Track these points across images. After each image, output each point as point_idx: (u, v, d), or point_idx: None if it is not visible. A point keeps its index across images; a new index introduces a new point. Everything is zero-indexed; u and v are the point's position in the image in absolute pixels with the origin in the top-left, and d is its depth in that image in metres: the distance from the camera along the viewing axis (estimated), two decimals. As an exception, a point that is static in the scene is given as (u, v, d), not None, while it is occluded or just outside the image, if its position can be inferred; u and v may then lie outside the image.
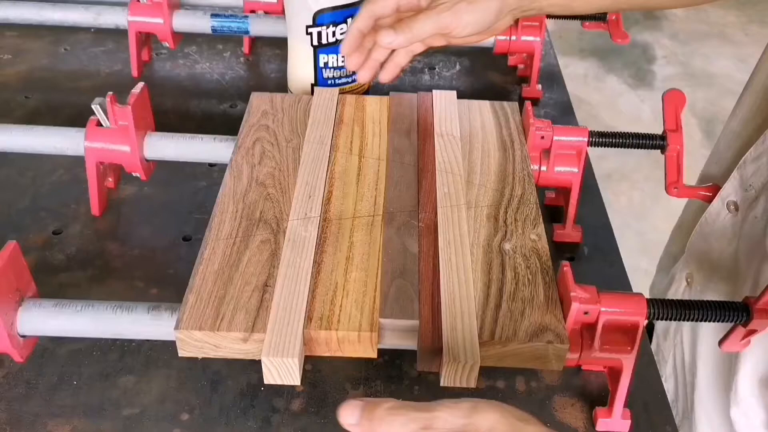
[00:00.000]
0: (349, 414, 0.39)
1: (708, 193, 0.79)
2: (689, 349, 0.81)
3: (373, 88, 0.93)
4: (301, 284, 0.56)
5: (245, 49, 1.09)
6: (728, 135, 0.81)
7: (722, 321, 0.56)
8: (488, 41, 1.00)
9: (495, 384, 0.64)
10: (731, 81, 2.87)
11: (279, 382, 0.53)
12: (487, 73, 1.07)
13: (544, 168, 0.73)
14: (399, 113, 0.77)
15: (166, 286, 0.70)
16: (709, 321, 0.57)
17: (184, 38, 1.08)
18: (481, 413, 0.39)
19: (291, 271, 0.57)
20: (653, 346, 0.87)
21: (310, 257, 0.59)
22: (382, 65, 0.72)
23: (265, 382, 0.53)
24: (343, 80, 0.87)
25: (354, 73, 0.85)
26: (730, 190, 0.75)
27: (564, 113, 1.00)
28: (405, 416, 0.38)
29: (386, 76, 0.72)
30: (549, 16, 0.90)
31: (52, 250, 0.74)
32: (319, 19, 0.82)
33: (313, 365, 0.64)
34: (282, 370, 0.52)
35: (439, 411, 0.39)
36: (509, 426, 0.38)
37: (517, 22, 0.95)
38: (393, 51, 0.71)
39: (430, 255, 0.60)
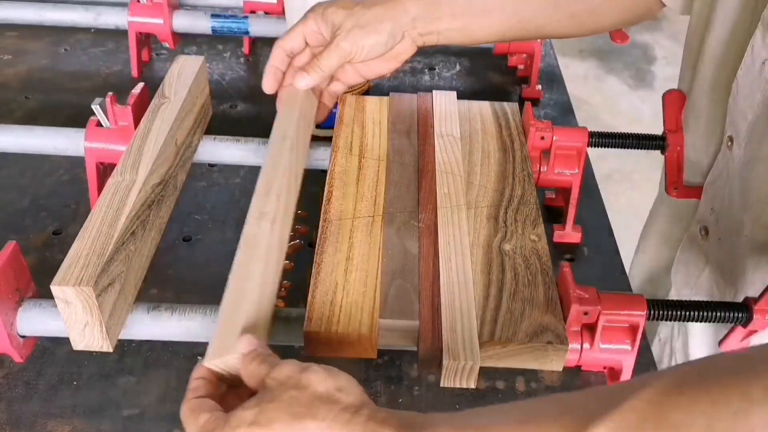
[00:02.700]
0: (246, 343, 0.47)
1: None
2: (682, 356, 0.81)
3: (374, 89, 0.94)
4: (251, 282, 0.54)
5: (245, 49, 1.09)
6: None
7: (722, 322, 0.56)
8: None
9: (495, 384, 0.64)
10: (731, 81, 2.87)
11: None
12: (487, 74, 1.07)
13: (544, 168, 0.73)
14: (399, 113, 0.77)
15: (166, 286, 0.70)
16: (709, 321, 0.57)
17: (184, 38, 1.08)
18: (308, 372, 0.44)
19: (241, 270, 0.55)
20: (653, 347, 0.87)
21: (261, 255, 0.57)
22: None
23: None
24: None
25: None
26: (699, 215, 0.75)
27: (564, 114, 1.00)
28: (261, 367, 0.46)
29: (321, 117, 0.76)
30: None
31: (52, 250, 0.74)
32: (320, 19, 0.82)
33: (313, 365, 0.64)
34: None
35: (283, 363, 0.45)
36: (324, 388, 0.44)
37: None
38: (329, 84, 0.76)
39: (430, 255, 0.60)
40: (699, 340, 0.78)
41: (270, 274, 0.54)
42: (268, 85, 0.73)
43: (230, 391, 0.49)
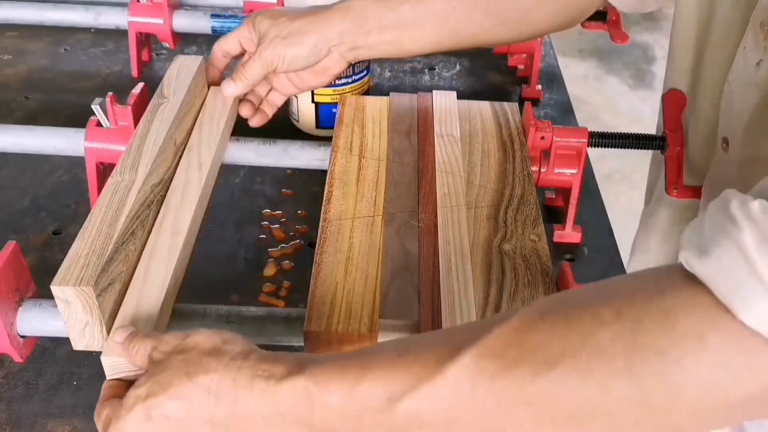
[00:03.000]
0: (119, 334, 0.50)
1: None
2: None
3: (374, 89, 0.94)
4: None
5: (245, 49, 1.09)
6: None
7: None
8: (488, 42, 1.00)
9: (495, 384, 0.64)
10: (731, 81, 2.87)
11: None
12: (487, 74, 1.07)
13: (544, 168, 0.73)
14: (399, 114, 0.77)
15: (166, 286, 0.70)
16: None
17: (184, 38, 1.08)
18: (191, 336, 0.46)
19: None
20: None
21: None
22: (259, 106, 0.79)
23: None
24: (343, 80, 0.87)
25: (354, 73, 0.86)
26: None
27: (564, 114, 1.00)
28: (145, 341, 0.48)
29: (256, 121, 0.78)
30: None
31: (52, 250, 0.74)
32: (319, 19, 0.82)
33: (313, 365, 0.64)
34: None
35: (166, 335, 0.48)
36: (211, 343, 0.45)
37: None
38: (268, 93, 0.79)
39: (430, 255, 0.60)
40: None
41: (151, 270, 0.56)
42: (210, 78, 0.77)
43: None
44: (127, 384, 0.49)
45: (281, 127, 0.91)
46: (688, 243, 0.38)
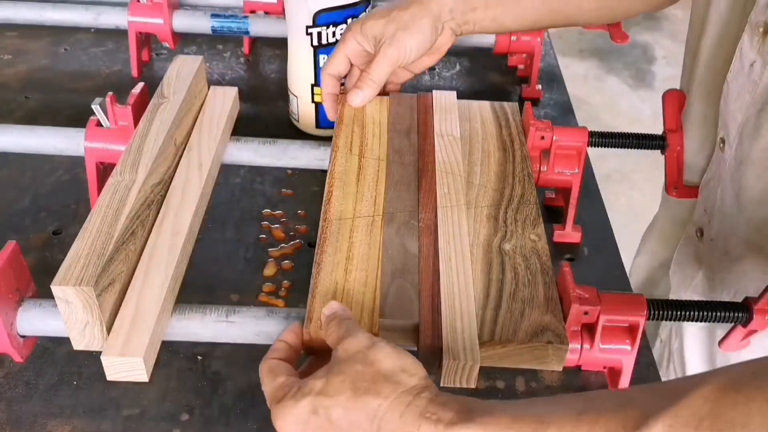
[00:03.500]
0: (330, 307, 0.52)
1: (708, 194, 0.79)
2: (678, 358, 0.81)
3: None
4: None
5: (245, 49, 1.09)
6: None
7: (722, 321, 0.56)
8: (489, 41, 1.00)
9: (495, 384, 0.64)
10: (731, 81, 2.87)
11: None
12: (487, 74, 1.07)
13: (544, 168, 0.73)
14: (399, 113, 0.77)
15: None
16: (710, 321, 0.57)
17: (184, 38, 1.08)
18: (377, 348, 0.47)
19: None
20: (655, 348, 0.87)
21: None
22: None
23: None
24: (343, 80, 0.87)
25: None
26: (696, 216, 0.75)
27: (564, 113, 1.00)
28: (341, 327, 0.49)
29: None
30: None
31: (52, 250, 0.74)
32: (319, 19, 0.82)
33: (313, 365, 0.65)
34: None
35: (357, 332, 0.48)
36: (391, 367, 0.46)
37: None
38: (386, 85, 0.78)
39: (430, 255, 0.60)
40: (694, 341, 0.78)
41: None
42: (331, 114, 0.76)
43: (309, 359, 0.54)
44: (296, 348, 0.52)
45: (281, 127, 0.91)
46: None
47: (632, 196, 2.37)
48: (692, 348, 0.78)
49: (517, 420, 0.41)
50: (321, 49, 0.84)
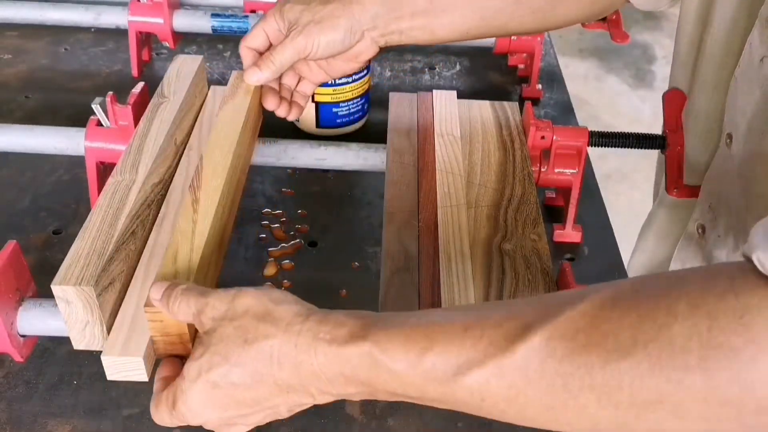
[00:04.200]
0: (155, 290, 0.49)
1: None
2: None
3: (374, 88, 0.94)
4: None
5: (245, 49, 1.09)
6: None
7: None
8: (489, 40, 1.00)
9: (495, 384, 0.64)
10: (731, 81, 2.87)
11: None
12: (488, 73, 1.07)
13: (544, 168, 0.73)
14: (399, 113, 0.77)
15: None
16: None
17: (184, 38, 1.08)
18: (239, 298, 0.46)
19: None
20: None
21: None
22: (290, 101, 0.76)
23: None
24: (344, 80, 0.87)
25: (354, 73, 0.86)
26: (697, 214, 0.75)
27: (564, 113, 1.00)
28: (188, 300, 0.48)
29: (292, 115, 0.75)
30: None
31: (52, 250, 0.74)
32: (319, 19, 0.82)
33: (313, 365, 0.64)
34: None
35: (210, 298, 0.47)
36: (262, 306, 0.45)
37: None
38: (297, 84, 0.75)
39: (430, 255, 0.60)
40: None
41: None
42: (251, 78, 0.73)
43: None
44: (171, 375, 0.50)
45: (281, 126, 0.91)
46: (761, 242, 0.38)
47: (632, 196, 2.37)
48: None
49: (408, 336, 0.42)
50: (321, 48, 0.84)
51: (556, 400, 0.39)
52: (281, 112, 0.74)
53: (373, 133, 0.90)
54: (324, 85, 0.87)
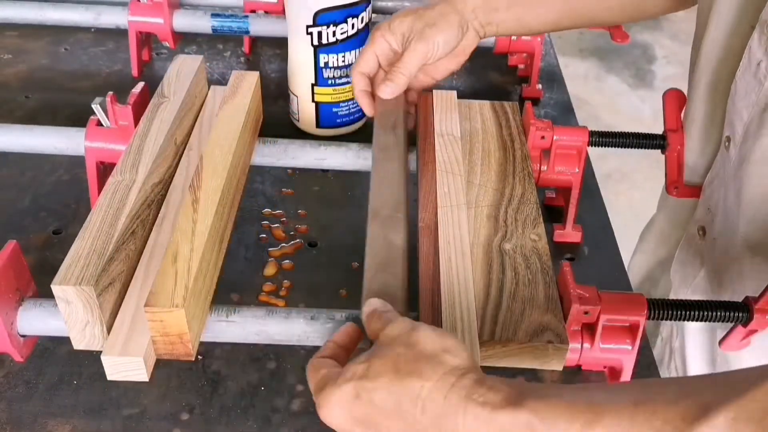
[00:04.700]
0: (378, 304, 0.50)
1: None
2: (679, 356, 0.81)
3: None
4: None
5: (245, 48, 1.09)
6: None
7: (722, 321, 0.56)
8: (489, 40, 1.00)
9: (495, 384, 0.64)
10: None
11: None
12: (488, 73, 1.07)
13: (544, 168, 0.73)
14: (384, 110, 0.77)
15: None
16: (710, 321, 0.57)
17: (184, 38, 1.08)
18: (420, 329, 0.46)
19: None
20: (656, 347, 0.87)
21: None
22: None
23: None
24: (344, 80, 0.87)
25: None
26: (698, 215, 0.75)
27: (564, 113, 1.00)
28: (380, 318, 0.49)
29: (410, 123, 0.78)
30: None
31: (52, 250, 0.74)
32: (320, 19, 0.82)
33: (313, 365, 0.64)
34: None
35: (398, 319, 0.48)
36: (433, 348, 0.45)
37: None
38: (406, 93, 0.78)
39: (430, 255, 0.60)
40: (695, 339, 0.78)
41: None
42: (368, 110, 0.76)
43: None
44: (346, 347, 0.50)
45: (281, 127, 0.91)
46: None
47: (632, 196, 2.37)
48: (693, 346, 0.78)
49: (570, 407, 0.40)
50: (321, 48, 0.84)
51: None
52: (368, 110, 0.76)
53: (373, 133, 0.90)
54: (324, 85, 0.87)
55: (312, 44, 0.84)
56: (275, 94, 0.99)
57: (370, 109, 0.76)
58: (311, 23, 0.83)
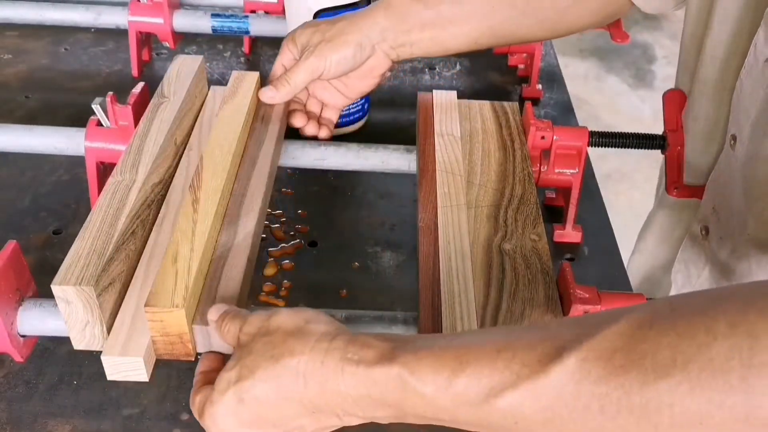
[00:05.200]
0: (214, 312, 0.51)
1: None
2: None
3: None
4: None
5: (245, 49, 1.09)
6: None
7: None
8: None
9: (495, 384, 0.64)
10: (731, 81, 2.86)
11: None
12: (487, 73, 1.07)
13: (544, 168, 0.73)
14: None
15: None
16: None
17: (184, 38, 1.08)
18: (274, 316, 0.47)
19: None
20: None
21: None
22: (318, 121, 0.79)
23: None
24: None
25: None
26: (701, 215, 0.75)
27: (564, 113, 1.00)
28: (233, 320, 0.49)
29: (323, 133, 0.77)
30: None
31: (52, 250, 0.74)
32: (320, 18, 0.82)
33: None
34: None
35: (250, 316, 0.48)
36: (293, 324, 0.46)
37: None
38: (321, 111, 0.79)
39: (430, 255, 0.60)
40: None
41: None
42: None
43: None
44: (216, 369, 0.50)
45: (281, 126, 0.91)
46: None
47: (632, 196, 2.37)
48: None
49: (438, 358, 0.41)
50: (321, 48, 0.84)
51: (593, 423, 0.38)
52: (310, 129, 0.76)
53: (373, 133, 0.90)
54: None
55: (312, 44, 0.84)
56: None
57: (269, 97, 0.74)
58: (311, 23, 0.83)
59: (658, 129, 0.79)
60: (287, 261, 0.75)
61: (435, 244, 0.61)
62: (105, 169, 0.72)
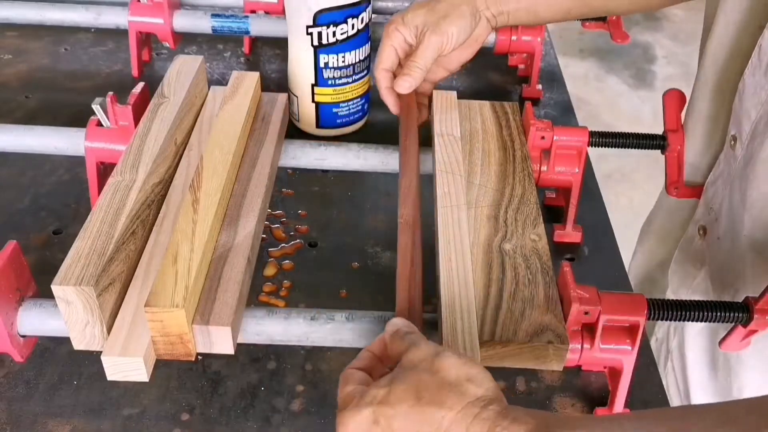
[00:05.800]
0: (400, 323, 0.49)
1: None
2: (678, 356, 0.81)
3: (374, 88, 0.93)
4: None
5: (245, 49, 1.09)
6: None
7: (723, 321, 0.56)
8: (489, 40, 1.00)
9: (495, 384, 0.64)
10: (731, 81, 2.86)
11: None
12: (488, 73, 1.07)
13: (544, 168, 0.73)
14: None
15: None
16: (710, 321, 0.57)
17: (184, 38, 1.08)
18: (444, 356, 0.45)
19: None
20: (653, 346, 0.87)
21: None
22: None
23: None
24: (344, 80, 0.87)
25: (354, 73, 0.86)
26: (698, 215, 0.75)
27: (564, 113, 1.00)
28: (403, 340, 0.47)
29: (423, 115, 0.80)
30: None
31: (53, 250, 0.74)
32: (320, 19, 0.82)
33: (313, 365, 0.65)
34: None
35: (422, 342, 0.47)
36: (456, 376, 0.44)
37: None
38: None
39: (408, 248, 0.59)
40: (695, 340, 0.78)
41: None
42: (394, 108, 0.78)
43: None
44: (382, 357, 0.49)
45: (281, 126, 0.91)
46: None
47: (632, 196, 2.37)
48: (693, 346, 0.78)
49: None
50: (321, 48, 0.84)
51: None
52: (395, 108, 0.77)
53: (373, 133, 0.90)
54: (324, 85, 0.87)
55: (312, 44, 0.84)
56: (275, 95, 0.99)
57: (396, 108, 0.77)
58: (311, 23, 0.83)
59: (658, 129, 0.79)
60: (287, 261, 0.75)
61: (413, 239, 0.60)
62: (105, 169, 0.72)
